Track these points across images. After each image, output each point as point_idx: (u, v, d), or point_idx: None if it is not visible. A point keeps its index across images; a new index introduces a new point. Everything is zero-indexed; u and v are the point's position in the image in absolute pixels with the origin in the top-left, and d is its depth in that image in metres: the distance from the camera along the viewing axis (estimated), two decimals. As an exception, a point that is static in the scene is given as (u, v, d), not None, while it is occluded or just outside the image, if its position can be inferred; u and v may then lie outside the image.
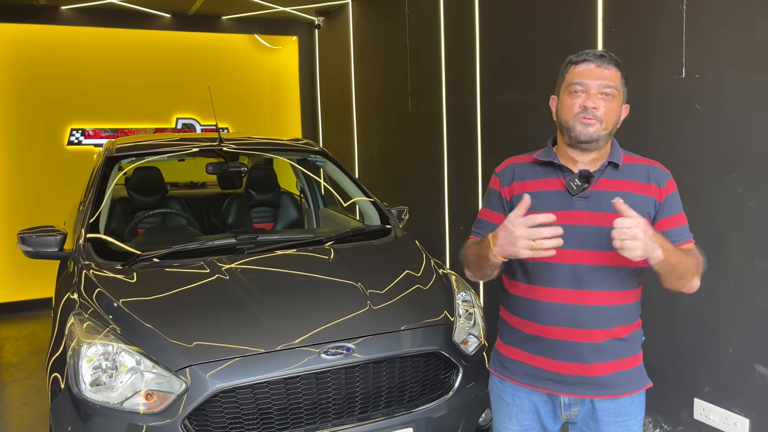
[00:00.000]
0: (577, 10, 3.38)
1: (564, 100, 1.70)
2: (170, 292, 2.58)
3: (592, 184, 1.68)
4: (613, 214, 1.60)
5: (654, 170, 1.73)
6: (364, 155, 6.15)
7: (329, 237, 3.13)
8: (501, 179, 1.84)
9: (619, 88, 1.67)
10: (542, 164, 1.77)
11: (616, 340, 1.70)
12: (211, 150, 3.71)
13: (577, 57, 1.69)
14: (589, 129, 1.64)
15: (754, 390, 2.66)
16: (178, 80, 6.55)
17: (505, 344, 1.86)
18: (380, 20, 5.68)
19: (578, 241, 1.66)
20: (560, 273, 1.69)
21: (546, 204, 1.69)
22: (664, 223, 1.69)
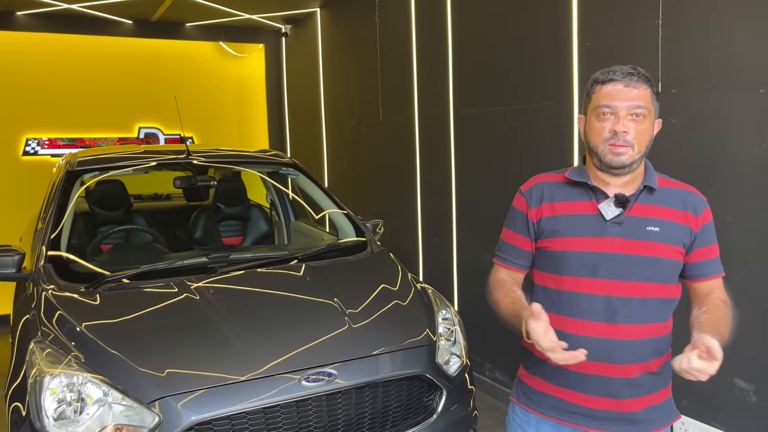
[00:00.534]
0: (553, 23, 3.37)
1: (592, 123, 1.59)
2: (137, 315, 2.44)
3: (627, 210, 1.58)
4: (650, 242, 1.55)
5: (691, 196, 1.63)
6: (334, 166, 6.06)
7: (305, 254, 3.03)
8: (528, 199, 1.70)
9: (650, 106, 1.55)
10: (573, 184, 1.65)
11: (649, 374, 1.61)
12: (179, 163, 3.57)
13: (604, 75, 1.58)
14: (622, 157, 1.54)
15: (733, 404, 2.66)
16: (140, 88, 6.36)
17: (530, 374, 1.75)
18: (350, 29, 5.61)
19: (611, 271, 1.56)
20: (592, 305, 1.58)
21: (577, 228, 1.60)
22: (698, 254, 1.61)
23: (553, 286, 1.65)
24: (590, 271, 1.58)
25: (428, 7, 4.42)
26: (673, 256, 1.59)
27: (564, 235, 1.60)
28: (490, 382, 4.09)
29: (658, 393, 1.65)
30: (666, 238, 1.57)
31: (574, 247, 1.60)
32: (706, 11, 2.64)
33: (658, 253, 1.57)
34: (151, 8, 5.83)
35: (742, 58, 2.52)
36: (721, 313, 1.57)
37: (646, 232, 1.56)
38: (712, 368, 1.38)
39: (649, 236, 1.56)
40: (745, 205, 2.56)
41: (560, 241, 1.61)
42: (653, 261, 1.57)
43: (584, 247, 1.58)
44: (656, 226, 1.57)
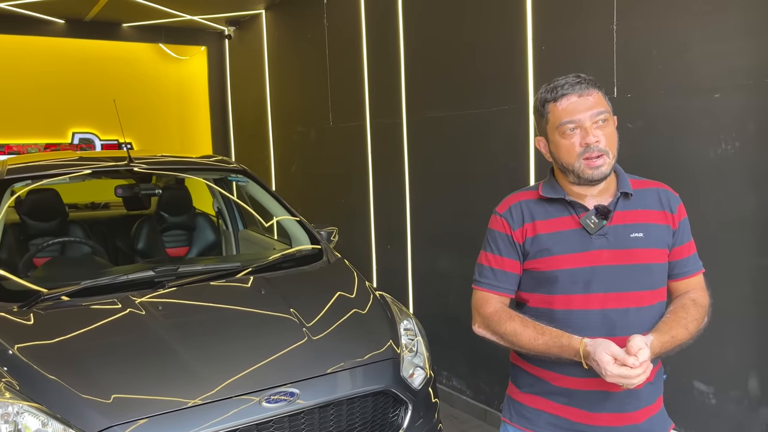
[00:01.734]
0: (507, 28, 3.36)
1: (558, 143, 1.53)
2: (78, 336, 2.26)
3: (609, 220, 1.54)
4: (637, 249, 1.53)
5: (665, 194, 1.61)
6: (282, 171, 5.90)
7: (259, 265, 2.89)
8: (509, 221, 1.63)
9: (608, 108, 1.54)
10: (549, 201, 1.60)
11: (648, 384, 1.53)
12: (119, 170, 3.37)
13: (553, 93, 1.53)
14: (601, 168, 1.50)
15: (693, 407, 2.68)
16: (74, 91, 6.04)
17: (523, 393, 1.68)
18: (297, 31, 5.48)
19: (603, 284, 1.52)
20: (589, 320, 1.53)
21: (563, 246, 1.54)
22: (676, 252, 1.59)
23: (544, 306, 1.58)
24: (582, 287, 1.54)
25: (379, 10, 4.35)
26: (660, 260, 1.57)
27: (551, 254, 1.55)
28: (447, 390, 4.03)
29: (655, 403, 1.62)
30: (651, 243, 1.55)
31: (562, 265, 1.55)
32: (659, 17, 2.66)
33: (646, 259, 1.54)
34: (85, 7, 5.54)
35: (696, 64, 2.55)
36: (684, 312, 1.54)
37: (632, 240, 1.53)
38: (632, 373, 1.35)
39: (635, 243, 1.53)
40: (702, 208, 2.58)
41: (548, 260, 1.56)
42: (643, 268, 1.54)
43: (573, 264, 1.54)
44: (640, 232, 1.54)
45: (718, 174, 2.51)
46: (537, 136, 1.64)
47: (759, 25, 2.34)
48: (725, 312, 2.53)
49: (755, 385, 2.48)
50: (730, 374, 2.55)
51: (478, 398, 3.83)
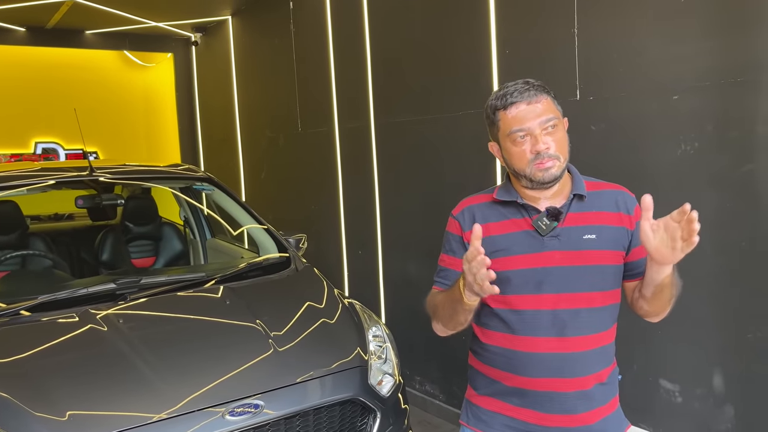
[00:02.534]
0: (471, 32, 3.37)
1: (510, 150, 1.55)
2: (33, 352, 2.19)
3: (560, 221, 1.56)
4: (589, 251, 1.54)
5: (621, 196, 1.62)
6: (251, 178, 5.85)
7: (224, 274, 2.85)
8: (461, 222, 1.65)
9: (557, 113, 1.55)
10: (503, 203, 1.62)
11: (600, 384, 1.58)
12: (81, 181, 3.29)
13: (502, 101, 1.54)
14: (551, 170, 1.52)
15: (660, 405, 2.71)
16: (36, 100, 5.91)
17: (480, 395, 1.69)
18: (263, 37, 5.44)
19: (555, 285, 1.54)
20: (540, 320, 1.54)
21: (516, 247, 1.56)
22: (635, 253, 1.59)
23: (499, 306, 1.59)
24: (534, 288, 1.55)
25: (345, 16, 4.33)
26: (613, 261, 1.57)
27: (503, 255, 1.56)
28: (420, 396, 4.02)
29: (609, 403, 1.62)
30: (604, 244, 1.56)
31: (515, 265, 1.56)
32: (619, 21, 2.69)
33: (598, 260, 1.55)
34: (46, 15, 5.43)
35: (655, 67, 2.58)
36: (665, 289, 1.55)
37: (584, 241, 1.54)
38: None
39: (587, 245, 1.54)
40: (664, 208, 2.61)
41: (500, 261, 1.56)
42: (595, 269, 1.55)
43: (525, 265, 1.55)
44: (593, 233, 1.55)
45: (678, 174, 2.54)
46: (490, 141, 1.65)
47: (714, 28, 2.38)
48: (688, 311, 2.56)
49: (720, 383, 2.51)
50: (695, 372, 2.58)
51: (450, 402, 3.82)
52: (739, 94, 2.33)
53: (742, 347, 2.43)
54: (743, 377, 2.45)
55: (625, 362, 2.80)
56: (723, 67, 2.36)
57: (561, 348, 1.54)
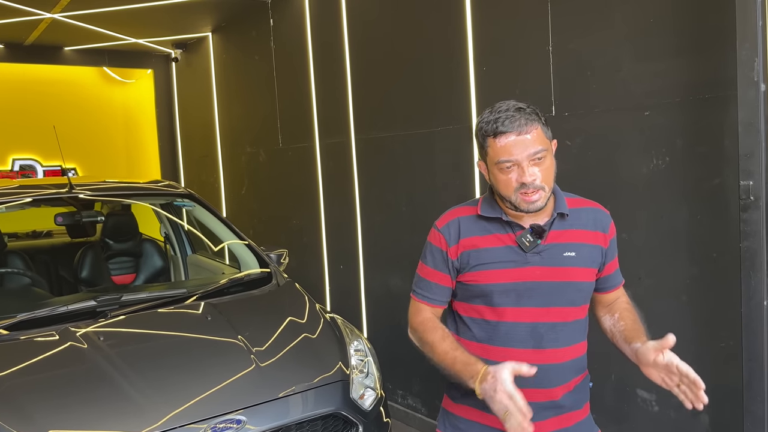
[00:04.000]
0: (449, 50, 3.43)
1: (496, 176, 1.57)
2: (12, 371, 2.18)
3: (543, 239, 1.60)
4: (569, 268, 1.59)
5: (599, 214, 1.68)
6: (232, 194, 5.85)
7: (205, 290, 2.85)
8: (446, 236, 1.66)
9: (546, 143, 1.55)
10: (488, 219, 1.64)
11: (569, 393, 1.65)
12: (61, 198, 3.28)
13: (492, 127, 1.53)
14: (536, 203, 1.54)
15: (638, 415, 2.75)
16: (13, 117, 5.87)
17: (457, 404, 1.72)
18: (244, 54, 5.47)
19: (535, 299, 1.59)
20: (518, 333, 1.59)
21: (499, 261, 1.59)
22: (607, 268, 1.67)
23: (478, 317, 1.64)
24: (514, 301, 1.59)
25: (324, 33, 4.39)
26: (589, 278, 1.65)
27: (486, 269, 1.60)
28: (402, 410, 4.03)
29: (579, 411, 1.68)
30: (582, 262, 1.62)
31: (497, 279, 1.60)
32: (593, 38, 2.77)
33: (576, 277, 1.61)
34: (25, 32, 5.41)
35: (628, 83, 2.66)
36: (634, 316, 1.68)
37: (564, 258, 1.59)
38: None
39: (567, 262, 1.60)
40: (638, 222, 2.68)
41: (483, 274, 1.61)
42: (573, 285, 1.61)
43: (507, 279, 1.59)
44: (573, 251, 1.61)
45: (651, 188, 2.61)
46: (479, 160, 1.66)
47: (682, 46, 2.46)
48: (663, 321, 2.62)
49: (694, 391, 2.56)
50: (671, 381, 2.63)
51: (432, 416, 3.83)
52: (706, 110, 2.40)
53: (715, 357, 2.49)
54: (717, 386, 2.50)
55: (603, 373, 2.85)
56: (691, 84, 2.44)
57: (536, 360, 1.57)
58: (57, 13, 4.87)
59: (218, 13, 5.28)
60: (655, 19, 2.53)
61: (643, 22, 2.56)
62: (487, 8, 3.23)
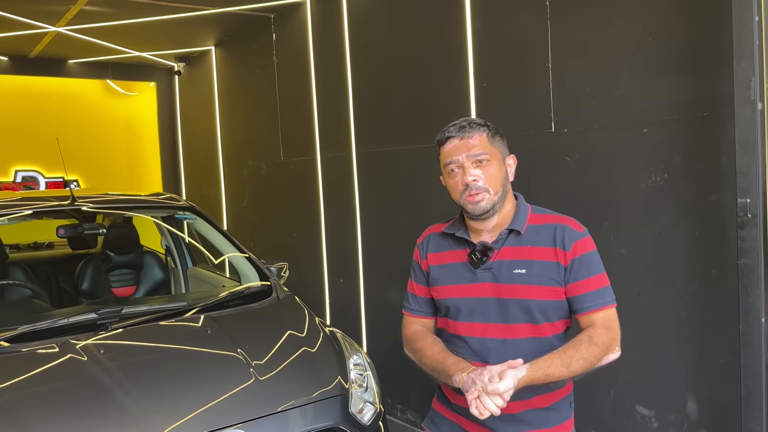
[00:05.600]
0: (450, 64, 3.46)
1: (447, 182, 1.69)
2: (12, 384, 2.18)
3: (494, 254, 1.65)
4: (518, 285, 1.63)
5: (562, 231, 1.64)
6: (233, 207, 5.87)
7: (205, 304, 2.86)
8: (421, 251, 1.81)
9: (490, 149, 1.64)
10: (451, 235, 1.74)
11: (536, 410, 1.65)
12: (63, 210, 3.30)
13: (441, 136, 1.69)
14: (480, 204, 1.61)
15: (637, 431, 2.75)
16: (17, 128, 5.91)
17: (438, 402, 1.85)
18: (247, 68, 5.52)
19: (485, 315, 1.65)
20: (469, 346, 1.67)
21: (454, 277, 1.69)
22: (572, 288, 1.63)
23: (445, 328, 1.76)
24: (467, 316, 1.67)
25: (327, 47, 4.43)
26: (545, 296, 1.62)
27: (443, 284, 1.70)
28: (402, 424, 4.02)
29: (548, 429, 1.69)
30: (533, 279, 1.62)
31: (452, 294, 1.69)
32: (592, 56, 2.80)
33: (526, 295, 1.62)
34: (30, 44, 5.46)
35: (626, 100, 2.69)
36: (574, 350, 1.55)
37: (514, 275, 1.63)
38: (491, 404, 1.44)
39: (517, 279, 1.63)
40: (636, 237, 2.69)
41: (441, 289, 1.71)
42: (521, 303, 1.63)
43: (460, 294, 1.67)
44: (523, 268, 1.63)
45: (649, 204, 2.63)
46: (440, 175, 1.76)
47: (680, 65, 2.49)
48: (662, 337, 2.63)
49: (693, 408, 2.56)
50: (670, 398, 2.63)
51: (432, 430, 3.82)
52: (704, 128, 2.43)
53: (714, 373, 2.49)
54: (716, 402, 2.51)
55: (602, 389, 2.85)
56: (689, 102, 2.47)
57: None
58: (62, 27, 4.92)
59: (221, 27, 5.33)
60: (654, 38, 2.56)
61: (642, 40, 2.59)
62: (488, 25, 3.26)
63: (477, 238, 1.69)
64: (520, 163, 3.19)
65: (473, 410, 1.45)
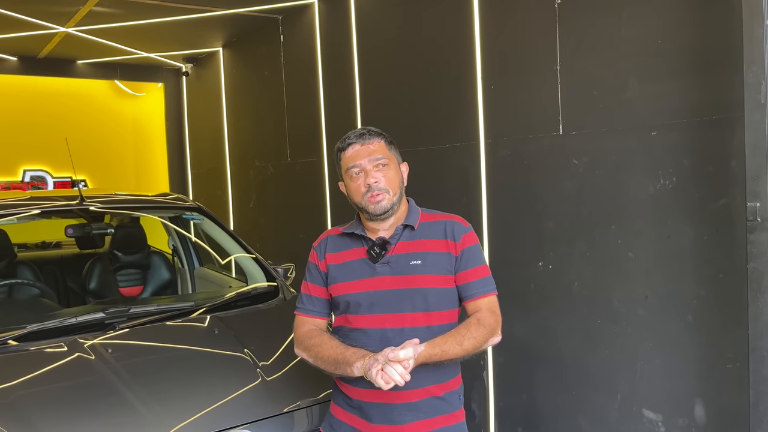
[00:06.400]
0: (457, 66, 3.46)
1: (348, 185, 1.82)
2: (20, 382, 2.20)
3: (391, 249, 1.79)
4: (415, 275, 1.76)
5: (451, 225, 1.83)
6: (240, 207, 5.88)
7: (213, 304, 2.86)
8: (318, 253, 1.92)
9: (388, 155, 1.83)
10: (349, 235, 1.87)
11: (432, 398, 1.76)
12: (71, 210, 3.32)
13: (342, 143, 1.83)
14: (381, 203, 1.76)
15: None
16: (25, 128, 5.94)
17: (335, 405, 1.91)
18: (254, 69, 5.53)
19: (384, 306, 1.75)
20: (370, 338, 1.76)
21: (354, 273, 1.80)
22: (462, 277, 1.79)
23: (343, 325, 1.84)
24: (367, 309, 1.78)
25: (334, 49, 4.44)
26: (439, 284, 1.77)
27: (343, 281, 1.81)
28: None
29: (441, 417, 1.78)
30: (429, 269, 1.77)
31: (352, 289, 1.80)
32: (600, 59, 2.79)
33: (423, 284, 1.76)
34: (38, 45, 5.49)
35: (635, 103, 2.68)
36: (465, 330, 1.71)
37: (410, 267, 1.77)
38: (394, 373, 1.52)
39: (414, 270, 1.76)
40: (644, 241, 2.69)
41: (341, 286, 1.82)
42: (418, 292, 1.76)
43: (361, 289, 1.78)
44: (419, 260, 1.77)
45: (657, 208, 2.62)
46: (339, 181, 1.90)
47: (690, 68, 2.48)
48: (670, 341, 2.62)
49: (701, 414, 2.55)
50: (677, 403, 2.62)
51: None
52: (713, 132, 2.42)
53: (722, 378, 2.48)
54: (724, 407, 2.49)
55: (608, 393, 2.85)
56: (698, 105, 2.46)
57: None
58: (71, 27, 4.95)
59: (229, 28, 5.35)
60: (663, 41, 2.55)
61: (651, 43, 2.59)
62: (496, 27, 3.26)
63: (374, 236, 1.82)
64: (528, 164, 3.20)
65: (379, 381, 1.53)
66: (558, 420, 3.06)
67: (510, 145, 3.20)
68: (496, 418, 3.39)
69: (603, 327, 2.83)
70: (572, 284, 2.95)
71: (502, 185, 3.28)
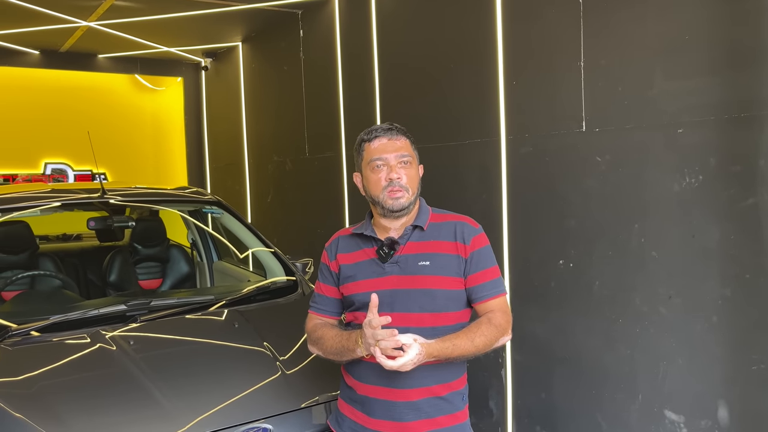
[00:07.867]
0: (478, 61, 3.44)
1: (368, 177, 1.82)
2: (45, 372, 2.22)
3: (400, 249, 1.80)
4: (423, 276, 1.77)
5: (461, 227, 1.83)
6: (258, 202, 5.90)
7: (233, 297, 2.87)
8: (329, 253, 1.95)
9: (412, 153, 1.84)
10: (359, 235, 1.89)
11: (434, 398, 1.77)
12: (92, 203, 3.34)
13: (368, 135, 1.84)
14: (400, 200, 1.77)
15: (665, 436, 2.71)
16: (47, 121, 6.00)
17: (341, 399, 1.94)
18: (273, 64, 5.54)
19: (392, 305, 1.75)
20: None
21: (363, 273, 1.82)
22: (472, 279, 1.79)
23: (353, 321, 1.87)
24: None
25: (353, 44, 4.42)
26: (447, 286, 1.77)
27: (354, 280, 1.83)
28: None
29: (443, 417, 1.78)
30: (437, 270, 1.78)
31: (362, 288, 1.81)
32: (625, 54, 2.75)
33: (430, 285, 1.76)
34: (61, 39, 5.54)
35: (660, 100, 2.64)
36: (476, 327, 1.73)
37: (419, 267, 1.78)
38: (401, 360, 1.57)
39: (422, 270, 1.77)
40: (668, 240, 2.65)
41: (352, 285, 1.84)
42: (425, 293, 1.76)
43: (370, 288, 1.78)
44: (427, 261, 1.79)
45: (682, 207, 2.58)
46: (355, 172, 1.91)
47: (718, 65, 2.44)
48: (693, 341, 2.58)
49: (724, 415, 2.51)
50: (700, 404, 2.58)
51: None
52: (741, 130, 2.37)
53: (747, 379, 2.44)
54: (748, 409, 2.46)
55: (630, 393, 2.82)
56: (726, 103, 2.42)
57: None
58: (93, 22, 4.99)
59: (249, 23, 5.36)
60: (690, 36, 2.51)
61: (678, 39, 2.55)
62: (519, 23, 3.23)
63: (383, 236, 1.84)
64: (550, 161, 3.17)
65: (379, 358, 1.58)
66: (577, 419, 3.04)
67: (532, 142, 3.17)
68: (514, 417, 3.37)
69: (624, 326, 2.80)
70: (593, 283, 2.92)
71: (523, 182, 3.25)
